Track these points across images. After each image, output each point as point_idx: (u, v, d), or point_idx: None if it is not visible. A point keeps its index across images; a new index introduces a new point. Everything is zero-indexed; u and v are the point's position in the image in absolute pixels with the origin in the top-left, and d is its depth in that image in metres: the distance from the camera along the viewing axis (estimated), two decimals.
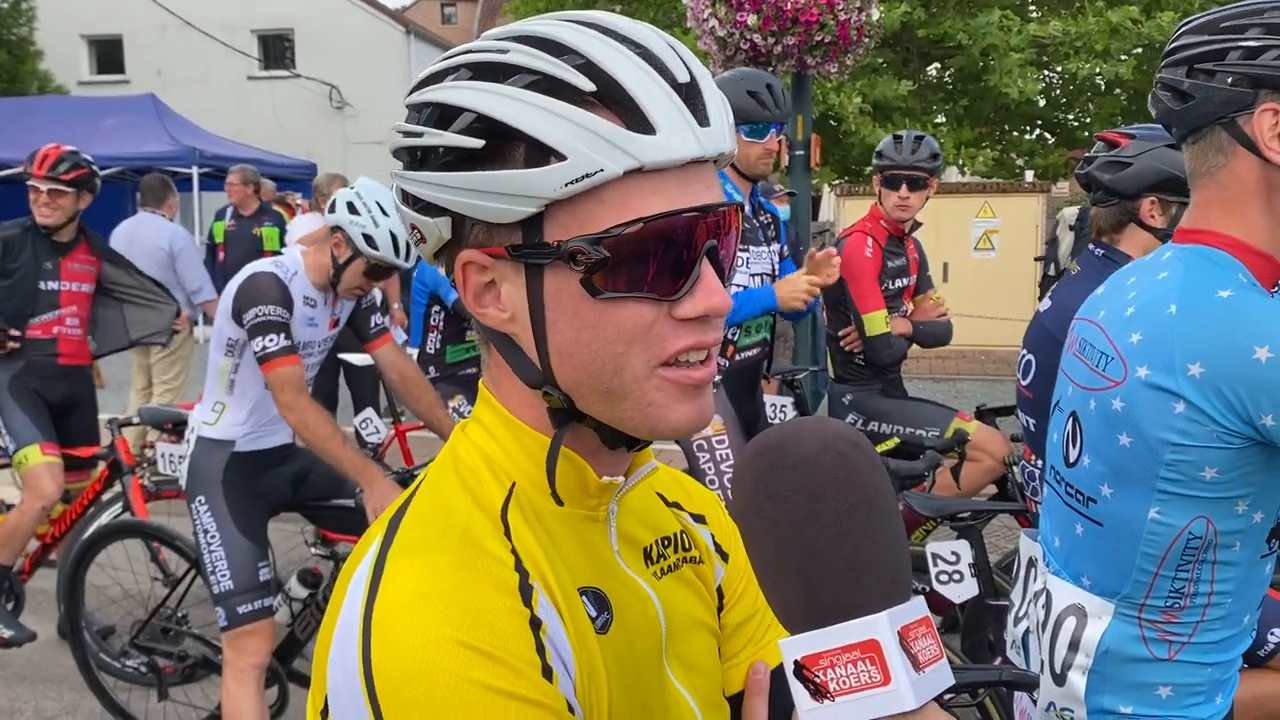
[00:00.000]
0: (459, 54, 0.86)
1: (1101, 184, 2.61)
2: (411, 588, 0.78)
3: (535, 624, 0.80)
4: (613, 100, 0.80)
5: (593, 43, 0.81)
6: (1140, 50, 11.56)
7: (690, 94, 0.83)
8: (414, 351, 5.16)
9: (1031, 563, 1.82)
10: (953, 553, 2.75)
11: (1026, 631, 1.79)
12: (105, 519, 4.22)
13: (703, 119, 0.82)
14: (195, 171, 13.52)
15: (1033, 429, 2.78)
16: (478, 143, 0.80)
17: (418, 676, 0.74)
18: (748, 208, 3.59)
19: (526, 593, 0.81)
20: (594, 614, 0.88)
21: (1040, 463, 2.78)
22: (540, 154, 0.79)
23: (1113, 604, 1.54)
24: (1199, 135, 1.51)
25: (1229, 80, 1.45)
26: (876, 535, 0.75)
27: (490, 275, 0.85)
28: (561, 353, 0.83)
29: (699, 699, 0.98)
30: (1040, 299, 7.26)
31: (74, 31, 22.83)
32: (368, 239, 2.95)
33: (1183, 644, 1.51)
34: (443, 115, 0.83)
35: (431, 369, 5.19)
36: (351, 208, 2.96)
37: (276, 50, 23.24)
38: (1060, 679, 1.60)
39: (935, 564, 2.75)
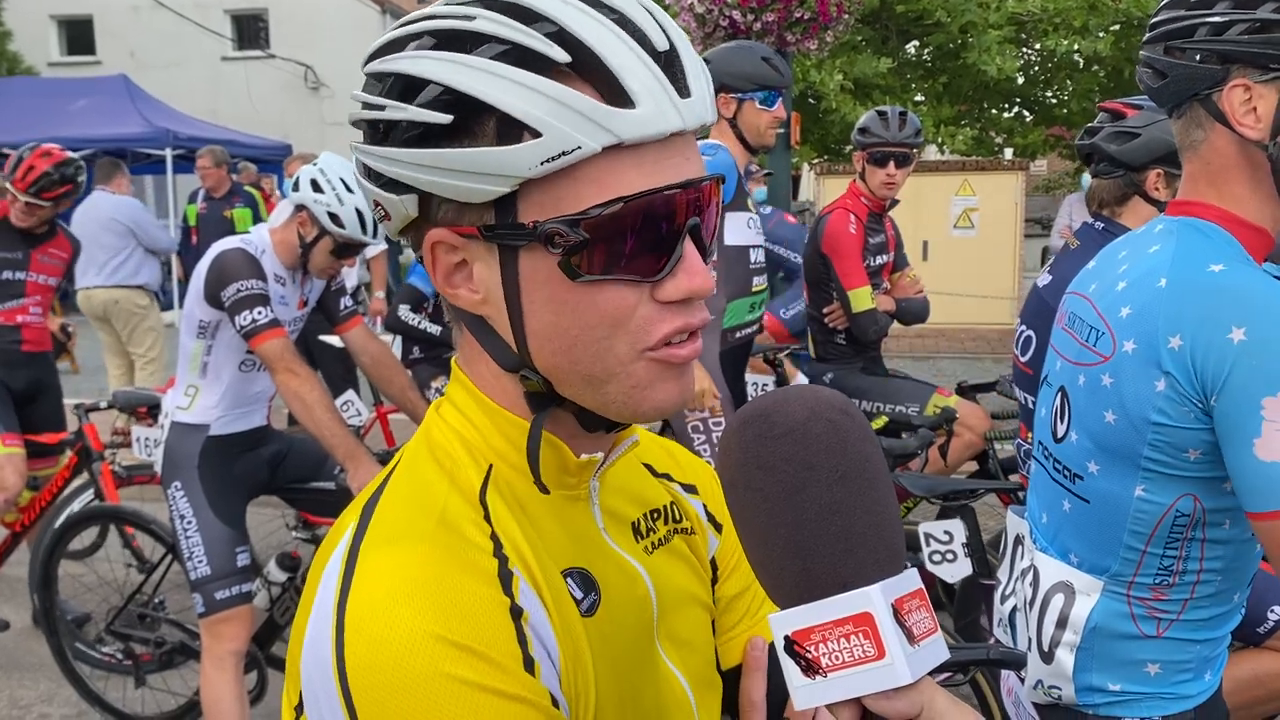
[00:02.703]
0: (422, 19, 0.81)
1: (1107, 155, 2.57)
2: (386, 580, 0.75)
3: (516, 613, 0.77)
4: (588, 71, 0.75)
5: (565, 9, 0.76)
6: (1118, 26, 11.57)
7: (669, 62, 0.78)
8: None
9: (1018, 540, 1.80)
10: (946, 532, 2.73)
11: (1014, 609, 1.78)
12: (76, 506, 4.17)
13: (683, 89, 0.78)
14: (169, 153, 13.34)
15: (1030, 406, 2.76)
16: (445, 118, 0.76)
17: (392, 673, 0.71)
18: (746, 184, 3.55)
19: (507, 579, 0.78)
20: (580, 596, 0.85)
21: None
22: (513, 130, 0.75)
23: (1101, 581, 1.53)
24: (1180, 110, 1.49)
25: (1197, 57, 1.43)
26: (869, 505, 0.73)
27: (461, 255, 0.81)
28: (540, 337, 0.80)
29: (690, 677, 0.96)
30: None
31: (43, 12, 22.45)
32: (333, 217, 2.90)
33: (1171, 621, 1.50)
34: (406, 87, 0.78)
35: (416, 349, 5.18)
36: (315, 185, 2.91)
37: (250, 30, 22.93)
38: (1048, 656, 1.59)
39: (928, 544, 2.73)
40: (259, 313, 2.86)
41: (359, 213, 2.90)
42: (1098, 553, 1.53)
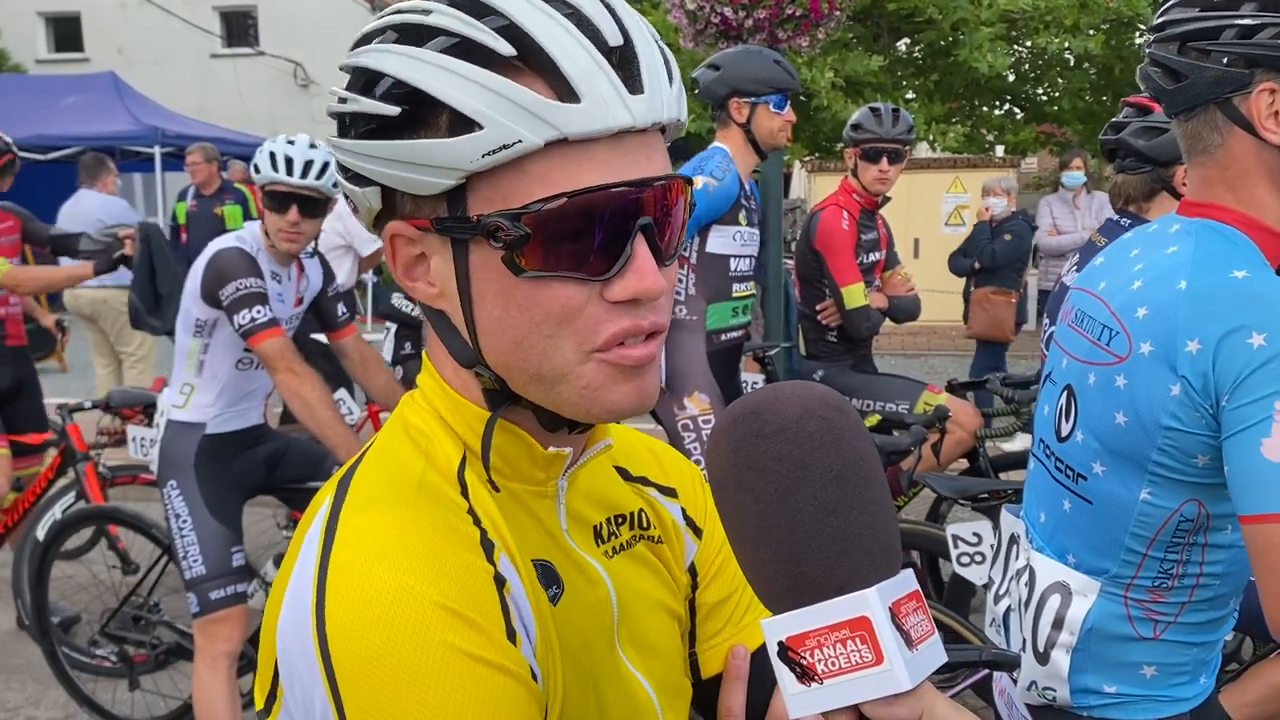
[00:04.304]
0: (389, 14, 0.82)
1: (1134, 150, 2.54)
2: (370, 540, 0.74)
3: (500, 581, 0.76)
4: (534, 65, 0.75)
5: (518, 3, 0.76)
6: (1108, 25, 11.60)
7: (624, 59, 0.77)
8: (393, 326, 5.16)
9: (1013, 539, 1.79)
10: (974, 534, 2.67)
11: (1008, 609, 1.77)
12: (58, 510, 4.13)
13: (635, 86, 0.76)
14: (158, 151, 13.26)
15: None
16: (393, 110, 0.76)
17: (377, 636, 0.69)
18: (747, 186, 3.56)
19: (489, 548, 0.77)
20: (545, 585, 0.85)
21: None
22: (463, 123, 0.75)
23: (1098, 582, 1.52)
24: (1193, 113, 1.46)
25: (1224, 60, 1.39)
26: (865, 505, 0.72)
27: (419, 248, 0.82)
28: (489, 333, 0.80)
29: (655, 682, 0.94)
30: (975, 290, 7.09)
31: (31, 9, 22.31)
32: (256, 168, 2.89)
33: (1168, 624, 1.50)
34: (368, 80, 0.79)
35: (409, 345, 5.16)
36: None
37: (239, 27, 22.82)
38: (1044, 657, 1.58)
39: (956, 545, 2.69)
40: (258, 311, 2.84)
41: (271, 155, 2.87)
42: (1097, 553, 1.52)
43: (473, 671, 0.70)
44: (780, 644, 0.72)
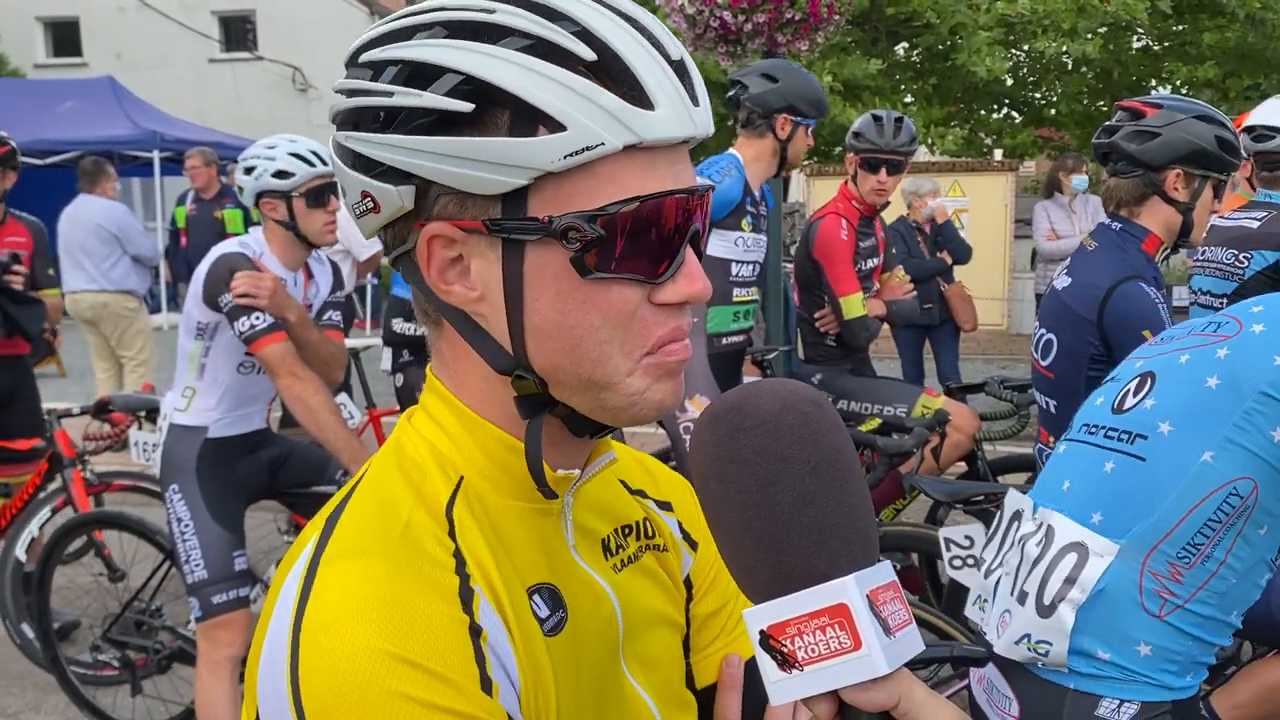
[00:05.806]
0: (429, 11, 0.80)
1: (1126, 154, 2.56)
2: (343, 595, 0.74)
3: (475, 631, 0.76)
4: (610, 72, 0.76)
5: (587, 11, 0.77)
6: (1106, 29, 11.62)
7: (681, 72, 0.80)
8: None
9: (1016, 515, 1.82)
10: (966, 537, 2.68)
11: (999, 580, 1.80)
12: (34, 524, 4.11)
13: (695, 99, 0.79)
14: (156, 155, 13.28)
15: (1053, 411, 2.72)
16: (468, 106, 0.75)
17: (345, 690, 0.70)
18: (757, 193, 3.64)
19: (467, 597, 0.78)
20: (545, 615, 0.84)
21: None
22: (528, 122, 0.75)
23: (1119, 545, 1.57)
24: None
25: None
26: (842, 496, 0.73)
27: (458, 250, 0.80)
28: (541, 335, 0.79)
29: (657, 697, 0.95)
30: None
31: (29, 13, 22.32)
32: (281, 174, 2.88)
33: (1176, 606, 1.55)
34: (415, 74, 0.77)
35: (405, 352, 5.16)
36: (249, 170, 2.92)
37: (238, 32, 22.83)
38: (1048, 610, 1.61)
39: (949, 549, 2.69)
40: (258, 317, 2.84)
41: (299, 155, 2.89)
42: (1130, 512, 1.58)
43: None
44: (762, 632, 0.73)
